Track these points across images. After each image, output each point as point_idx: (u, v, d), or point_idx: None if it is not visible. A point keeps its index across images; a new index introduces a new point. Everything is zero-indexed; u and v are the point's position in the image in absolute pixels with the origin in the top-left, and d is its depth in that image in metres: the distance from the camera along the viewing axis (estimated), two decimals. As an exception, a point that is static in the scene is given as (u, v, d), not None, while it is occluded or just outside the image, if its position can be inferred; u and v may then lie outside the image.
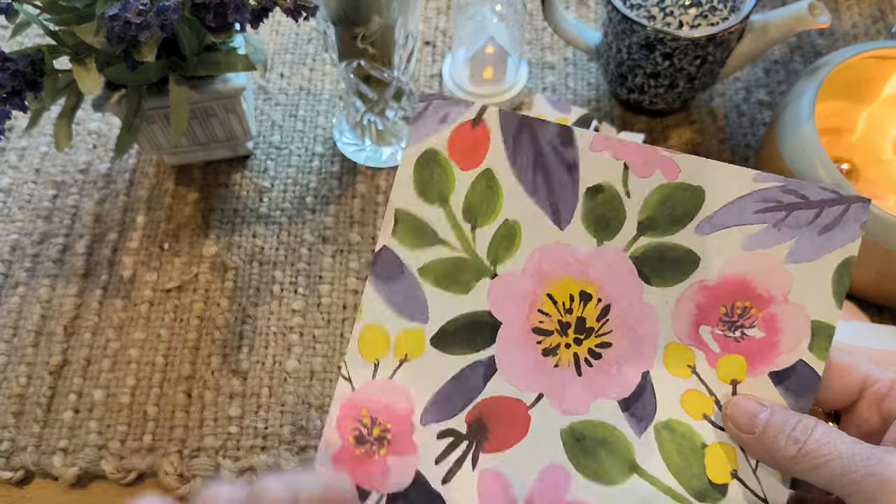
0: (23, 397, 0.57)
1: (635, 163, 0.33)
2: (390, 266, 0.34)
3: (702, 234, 0.32)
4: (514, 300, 0.33)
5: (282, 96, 0.72)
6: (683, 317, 0.32)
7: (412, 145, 0.34)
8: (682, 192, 0.32)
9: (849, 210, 0.31)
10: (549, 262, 0.33)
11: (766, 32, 0.61)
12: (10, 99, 0.50)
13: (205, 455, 0.54)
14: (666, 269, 0.33)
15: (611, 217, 0.33)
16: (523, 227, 0.33)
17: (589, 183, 0.33)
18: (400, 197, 0.34)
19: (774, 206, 0.32)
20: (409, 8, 0.55)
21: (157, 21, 0.46)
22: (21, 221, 0.65)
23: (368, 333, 0.34)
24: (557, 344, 0.33)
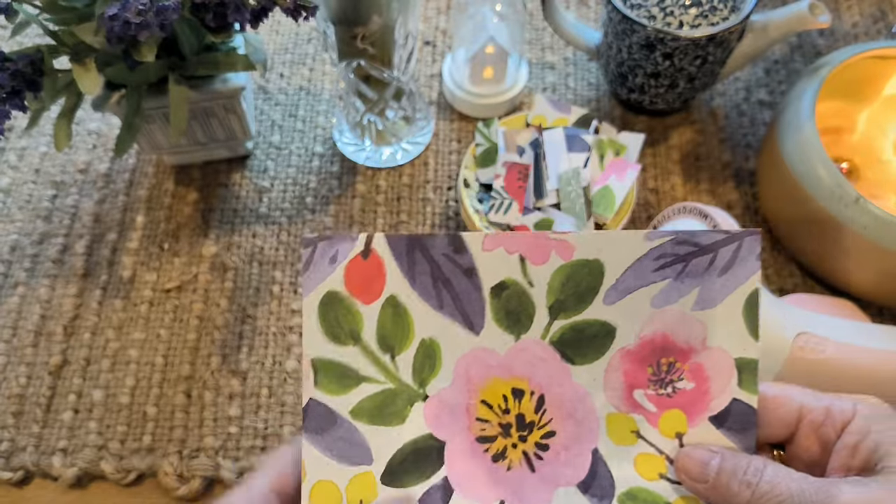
0: (22, 397, 0.56)
1: (529, 252, 0.33)
2: (322, 418, 0.33)
3: (610, 303, 0.33)
4: (451, 416, 0.33)
5: (281, 96, 0.72)
6: (615, 387, 0.33)
7: (309, 293, 0.33)
8: (580, 268, 0.33)
9: (742, 246, 0.32)
10: (474, 369, 0.33)
11: (766, 32, 0.61)
12: (10, 99, 0.50)
13: (204, 455, 0.54)
14: (586, 347, 0.33)
15: (520, 311, 0.33)
16: (441, 342, 0.33)
17: (491, 283, 0.33)
18: (312, 347, 0.33)
19: (672, 259, 0.32)
20: (409, 8, 0.55)
21: (156, 21, 0.46)
22: (21, 221, 0.65)
23: (318, 491, 0.33)
24: (504, 447, 0.33)
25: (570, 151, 0.59)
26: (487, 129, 0.61)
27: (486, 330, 0.33)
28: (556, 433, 0.33)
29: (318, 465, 0.33)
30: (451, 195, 0.65)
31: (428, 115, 0.68)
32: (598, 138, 0.60)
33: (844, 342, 0.48)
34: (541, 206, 0.58)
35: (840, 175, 0.53)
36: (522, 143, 0.60)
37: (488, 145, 0.61)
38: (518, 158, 0.59)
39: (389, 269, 0.33)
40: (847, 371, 0.47)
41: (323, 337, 0.33)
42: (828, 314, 0.51)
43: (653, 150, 0.67)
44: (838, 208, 0.53)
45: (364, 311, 0.33)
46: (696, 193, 0.65)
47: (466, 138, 0.69)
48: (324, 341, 0.33)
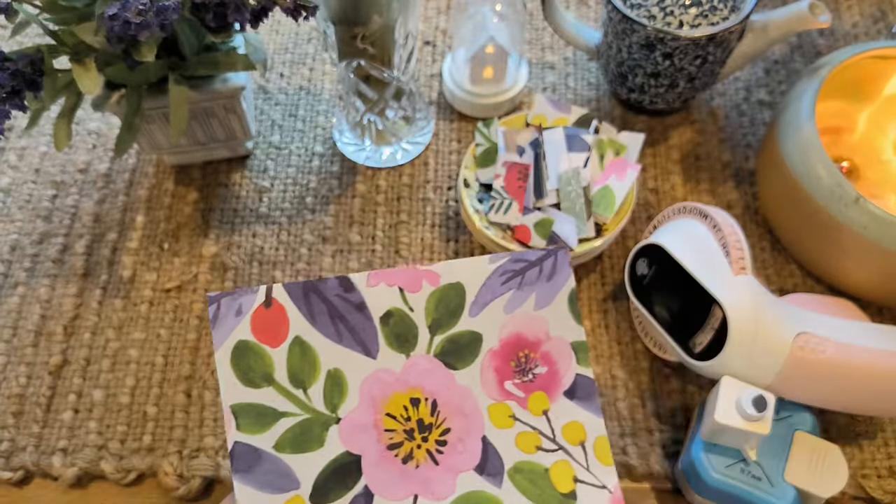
0: (22, 397, 0.57)
1: (406, 284, 0.39)
2: (248, 457, 0.37)
3: (474, 315, 0.40)
4: (363, 431, 0.38)
5: (281, 96, 0.72)
6: (489, 382, 0.40)
7: (220, 346, 0.38)
8: (448, 291, 0.40)
9: (557, 257, 0.40)
10: (376, 388, 0.39)
11: (766, 32, 0.61)
12: (10, 99, 0.50)
13: (204, 455, 0.54)
14: (462, 353, 0.40)
15: (407, 333, 0.39)
16: (345, 370, 0.39)
17: (379, 313, 0.39)
18: (229, 395, 0.38)
19: (511, 274, 0.40)
20: (409, 7, 0.55)
21: (156, 21, 0.46)
22: (20, 221, 0.65)
23: None
24: (410, 449, 0.39)
25: (570, 151, 0.59)
26: (487, 128, 0.61)
27: (381, 353, 0.39)
28: (450, 429, 0.39)
29: (251, 499, 0.37)
30: (451, 195, 0.65)
31: (428, 115, 0.68)
32: (598, 138, 0.60)
33: (844, 342, 0.48)
34: (541, 206, 0.58)
35: (840, 175, 0.53)
36: (522, 142, 0.60)
37: (488, 145, 0.61)
38: (518, 158, 0.59)
39: (291, 314, 0.38)
40: (847, 371, 0.47)
41: (238, 384, 0.38)
42: (828, 314, 0.51)
43: (653, 150, 0.67)
44: (838, 208, 0.53)
45: (273, 353, 0.38)
46: (696, 193, 0.65)
47: (466, 138, 0.69)
48: (240, 388, 0.38)
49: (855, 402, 0.49)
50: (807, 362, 0.47)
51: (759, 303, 0.48)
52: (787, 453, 0.48)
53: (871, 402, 0.49)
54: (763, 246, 0.62)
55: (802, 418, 0.49)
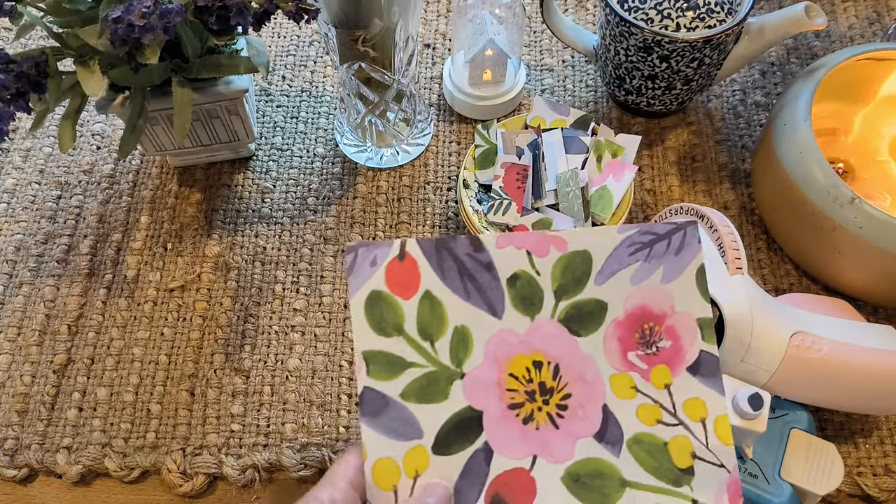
0: (27, 396, 0.57)
1: (533, 247, 0.40)
2: (376, 402, 0.38)
3: (600, 284, 0.40)
4: (485, 389, 0.39)
5: (283, 98, 0.72)
6: (613, 352, 0.39)
7: (355, 294, 0.39)
8: (574, 258, 0.40)
9: (686, 233, 0.40)
10: (500, 348, 0.39)
11: (762, 35, 0.61)
12: (15, 100, 0.50)
13: (207, 452, 0.54)
14: (586, 321, 0.40)
15: (532, 296, 0.39)
16: (471, 327, 0.39)
17: (507, 274, 0.39)
18: (362, 341, 0.38)
19: (640, 246, 0.40)
20: (410, 11, 0.55)
21: (160, 23, 0.46)
22: (25, 222, 0.65)
23: (379, 467, 0.38)
24: (531, 410, 0.39)
25: (568, 153, 0.60)
26: (486, 130, 0.62)
27: (506, 314, 0.39)
28: (571, 395, 0.39)
29: (376, 444, 0.38)
30: (450, 196, 0.66)
31: (428, 117, 0.69)
32: (596, 140, 0.61)
33: (840, 341, 0.48)
34: (539, 207, 0.58)
35: (836, 176, 0.53)
36: (521, 144, 0.61)
37: (487, 147, 0.61)
38: (517, 159, 0.60)
39: (423, 268, 0.39)
40: (843, 370, 0.47)
41: (371, 332, 0.39)
42: (823, 314, 0.52)
43: (650, 152, 0.68)
44: (834, 209, 0.53)
45: (405, 305, 0.39)
46: (693, 194, 0.66)
47: (466, 140, 0.69)
48: (372, 336, 0.39)
49: (850, 400, 0.49)
50: (803, 361, 0.47)
51: (756, 302, 0.49)
52: (784, 451, 0.48)
53: (867, 401, 0.49)
54: (759, 246, 0.63)
55: (798, 416, 0.50)
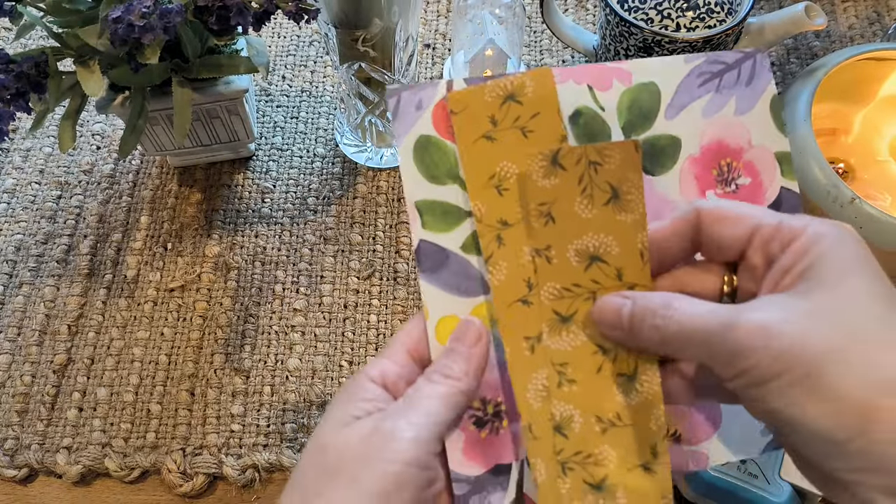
0: (27, 396, 0.57)
1: (595, 81, 0.36)
2: (434, 257, 0.34)
3: (671, 118, 0.36)
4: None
5: (283, 98, 0.73)
6: (690, 190, 0.36)
7: (402, 138, 0.35)
8: (641, 91, 0.36)
9: (756, 60, 0.37)
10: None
11: (762, 35, 0.61)
12: (15, 100, 0.50)
13: (207, 452, 0.54)
14: (660, 158, 0.36)
15: (598, 133, 0.36)
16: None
17: (568, 111, 0.35)
18: (413, 190, 0.34)
19: (709, 76, 0.37)
20: (410, 11, 0.55)
21: (160, 23, 0.46)
22: (25, 222, 0.66)
23: (442, 326, 0.34)
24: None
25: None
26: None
27: None
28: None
29: (437, 301, 0.34)
30: (451, 196, 0.66)
31: (428, 117, 0.69)
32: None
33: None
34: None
35: (836, 176, 0.53)
36: (521, 144, 0.61)
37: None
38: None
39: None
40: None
41: (423, 179, 0.35)
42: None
43: (651, 152, 0.68)
44: (834, 209, 0.53)
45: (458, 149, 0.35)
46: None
47: (466, 140, 0.69)
48: (424, 183, 0.35)
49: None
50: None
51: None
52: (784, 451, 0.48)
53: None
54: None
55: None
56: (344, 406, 0.32)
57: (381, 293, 0.61)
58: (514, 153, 0.34)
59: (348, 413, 0.31)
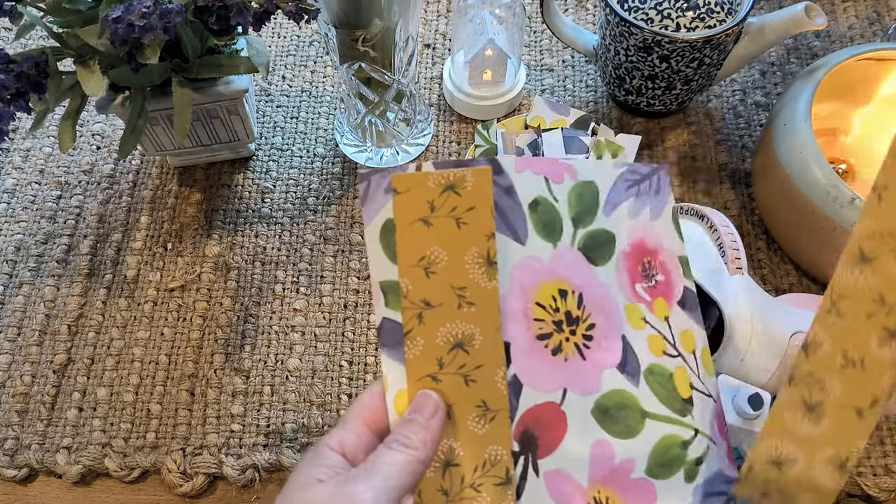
0: (27, 396, 0.57)
1: (550, 173, 0.38)
2: (395, 333, 0.36)
3: (608, 215, 0.39)
4: (513, 319, 0.36)
5: (283, 98, 0.73)
6: (624, 283, 0.39)
7: (370, 223, 0.36)
8: (584, 187, 0.39)
9: (660, 176, 0.40)
10: (526, 275, 0.37)
11: (762, 35, 0.61)
12: (15, 100, 0.50)
13: (207, 452, 0.54)
14: (600, 250, 0.39)
15: (553, 222, 0.38)
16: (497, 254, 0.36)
17: (528, 200, 0.37)
18: (378, 272, 0.36)
19: (632, 182, 0.40)
20: (410, 11, 0.55)
21: (160, 24, 0.46)
22: (25, 222, 0.66)
23: (402, 399, 0.35)
24: (559, 341, 0.37)
25: (568, 153, 0.60)
26: (487, 130, 0.62)
27: (530, 240, 0.37)
28: (595, 325, 0.38)
29: (397, 375, 0.35)
30: (451, 196, 0.66)
31: (428, 117, 0.69)
32: (596, 140, 0.61)
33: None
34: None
35: (835, 176, 0.53)
36: (521, 144, 0.61)
37: (487, 147, 0.61)
38: (517, 159, 0.60)
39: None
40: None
41: (387, 261, 0.36)
42: (823, 313, 0.52)
43: (650, 152, 0.68)
44: (834, 209, 0.53)
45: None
46: (693, 194, 0.66)
47: (466, 140, 0.69)
48: (388, 265, 0.36)
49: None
50: (802, 360, 0.47)
51: (756, 303, 0.49)
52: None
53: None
54: (759, 246, 0.63)
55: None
56: (308, 470, 0.33)
57: (381, 293, 0.61)
58: (446, 240, 0.35)
59: (312, 476, 0.33)
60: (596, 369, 0.37)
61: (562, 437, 0.36)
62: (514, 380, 0.36)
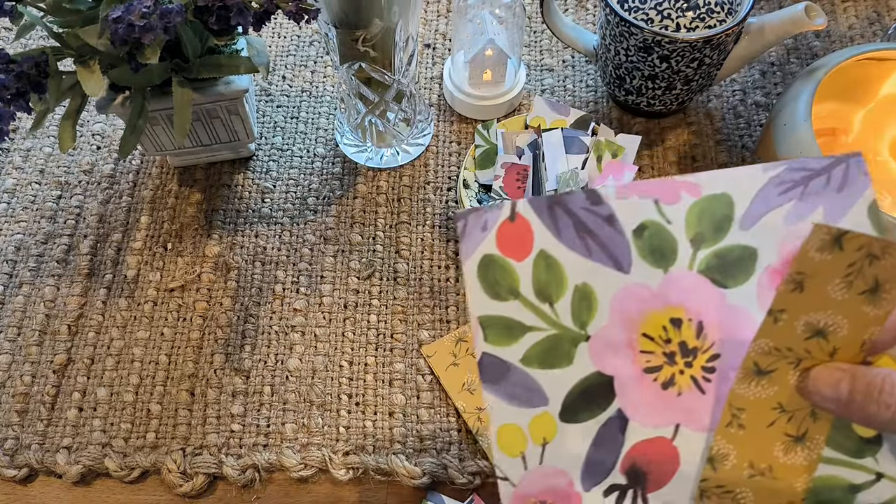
0: (27, 396, 0.57)
1: (660, 195, 0.36)
2: (496, 369, 0.35)
3: (746, 228, 0.35)
4: (615, 351, 0.35)
5: (284, 98, 0.73)
6: (769, 302, 0.33)
7: (467, 259, 0.36)
8: (712, 202, 0.36)
9: (850, 166, 0.35)
10: (630, 304, 0.35)
11: (762, 35, 0.61)
12: (15, 100, 0.50)
13: (207, 453, 0.54)
14: (732, 270, 0.35)
15: (664, 245, 0.35)
16: (594, 285, 0.35)
17: (632, 226, 0.35)
18: (477, 307, 0.36)
19: (791, 184, 0.35)
20: (410, 11, 0.56)
21: (160, 23, 0.46)
22: (25, 222, 0.66)
23: (504, 434, 0.35)
24: (672, 374, 0.35)
25: (568, 153, 0.60)
26: (487, 130, 0.62)
27: (634, 267, 0.35)
28: (720, 355, 0.35)
29: (500, 410, 0.35)
30: (450, 196, 0.66)
31: (428, 117, 0.69)
32: (596, 140, 0.61)
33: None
34: (539, 207, 0.58)
35: (835, 176, 0.53)
36: (521, 144, 0.61)
37: (487, 147, 0.61)
38: (517, 160, 0.60)
39: (536, 228, 0.36)
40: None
41: (485, 296, 0.36)
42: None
43: (650, 152, 0.68)
44: (833, 208, 0.53)
45: (518, 267, 0.36)
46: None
47: (466, 140, 0.69)
48: (487, 300, 0.36)
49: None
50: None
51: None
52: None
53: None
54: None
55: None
56: None
57: (381, 293, 0.61)
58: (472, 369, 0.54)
59: None
60: (717, 404, 0.35)
61: (673, 474, 0.35)
62: (619, 414, 0.35)
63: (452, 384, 0.56)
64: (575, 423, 0.35)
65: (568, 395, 0.35)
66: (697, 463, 0.35)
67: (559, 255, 0.36)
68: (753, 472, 0.34)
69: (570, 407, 0.35)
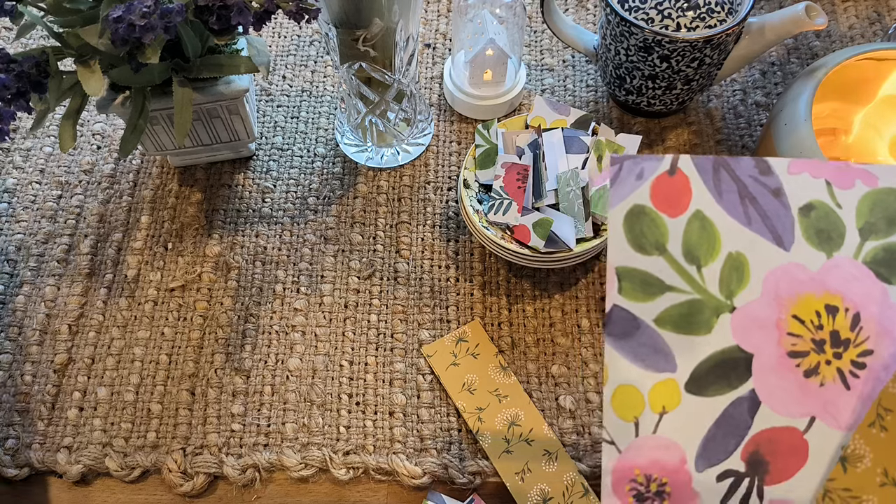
0: (28, 395, 0.57)
1: (835, 178, 0.34)
2: (625, 323, 0.34)
3: None
4: (761, 329, 0.33)
5: (284, 98, 0.73)
6: None
7: (616, 205, 0.34)
8: (888, 195, 0.34)
9: None
10: (785, 283, 0.33)
11: (763, 35, 0.61)
12: (15, 100, 0.50)
13: (208, 452, 0.55)
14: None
15: (831, 230, 0.34)
16: (748, 256, 0.34)
17: (799, 203, 0.34)
18: (617, 255, 0.34)
19: None
20: (410, 11, 0.56)
21: (160, 23, 0.46)
22: (26, 221, 0.66)
23: (620, 394, 0.34)
24: (817, 363, 0.33)
25: (568, 152, 0.60)
26: (487, 130, 0.62)
27: (796, 246, 0.34)
28: (873, 352, 0.33)
29: (620, 369, 0.34)
30: (451, 195, 0.66)
31: (428, 117, 0.69)
32: (597, 139, 0.61)
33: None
34: (539, 207, 0.58)
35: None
36: (521, 144, 0.61)
37: (488, 146, 0.61)
38: (517, 159, 0.60)
39: (696, 187, 0.34)
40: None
41: (628, 247, 0.34)
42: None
43: (650, 151, 0.68)
44: (833, 208, 0.53)
45: (670, 223, 0.34)
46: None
47: (466, 139, 0.69)
48: (629, 251, 0.34)
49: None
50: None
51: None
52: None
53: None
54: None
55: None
56: None
57: (382, 293, 0.61)
58: (472, 369, 0.56)
59: None
60: (864, 403, 0.33)
61: (797, 469, 0.33)
62: (752, 395, 0.33)
63: (453, 384, 0.56)
64: (701, 396, 0.33)
65: (699, 365, 0.33)
66: (827, 461, 0.32)
67: (716, 218, 0.34)
68: (885, 481, 0.32)
69: (699, 378, 0.33)
